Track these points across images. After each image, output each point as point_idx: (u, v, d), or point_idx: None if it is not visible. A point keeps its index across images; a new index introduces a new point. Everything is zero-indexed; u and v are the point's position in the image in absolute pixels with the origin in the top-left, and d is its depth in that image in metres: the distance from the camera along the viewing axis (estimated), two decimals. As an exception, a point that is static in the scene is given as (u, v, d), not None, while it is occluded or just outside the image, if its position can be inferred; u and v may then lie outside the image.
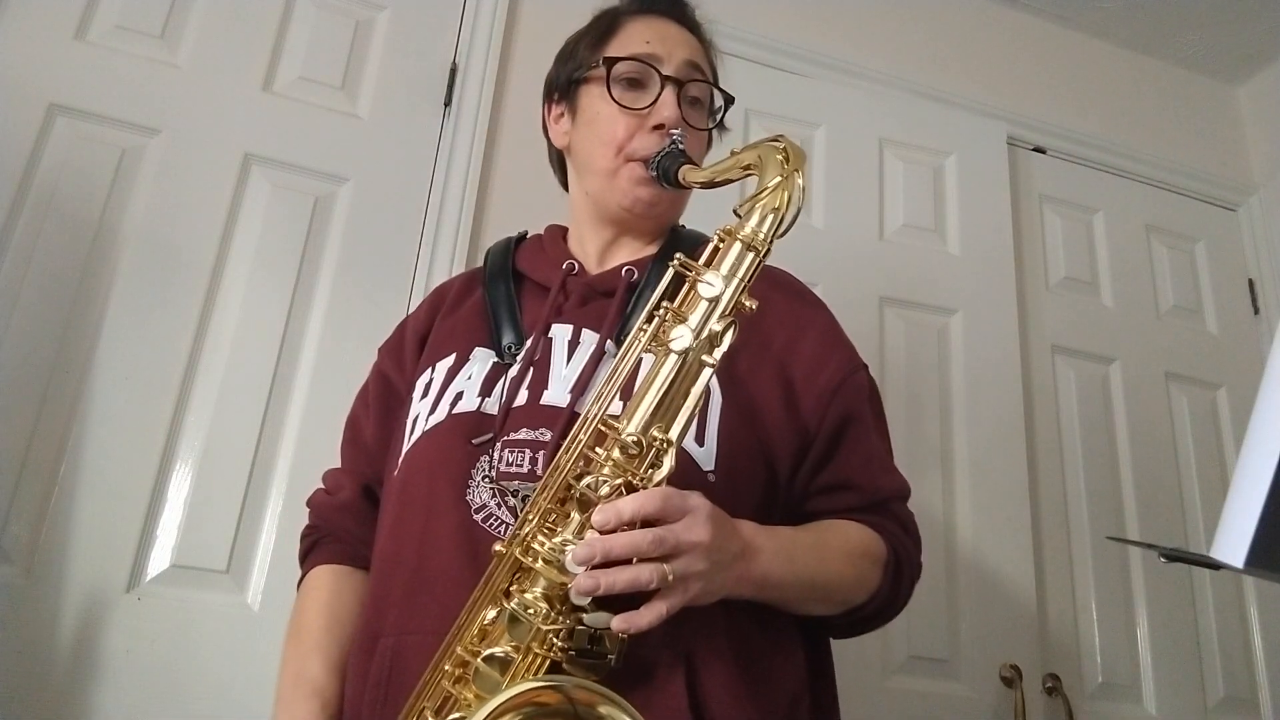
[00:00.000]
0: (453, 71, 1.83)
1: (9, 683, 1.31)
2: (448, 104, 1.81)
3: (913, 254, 2.03)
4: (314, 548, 1.01)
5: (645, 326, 0.77)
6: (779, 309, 0.96)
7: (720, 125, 1.05)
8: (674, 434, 0.73)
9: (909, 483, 0.97)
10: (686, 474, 0.78)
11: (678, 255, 0.78)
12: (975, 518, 1.86)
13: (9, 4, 1.58)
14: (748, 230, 0.78)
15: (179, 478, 1.47)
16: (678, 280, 0.78)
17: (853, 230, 2.00)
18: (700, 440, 0.84)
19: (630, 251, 1.02)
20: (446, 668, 0.74)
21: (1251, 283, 2.36)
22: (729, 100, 1.04)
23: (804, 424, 0.91)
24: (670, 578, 0.69)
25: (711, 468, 0.84)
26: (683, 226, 1.05)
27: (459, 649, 0.74)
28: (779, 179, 0.79)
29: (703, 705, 0.76)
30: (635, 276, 0.95)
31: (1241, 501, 0.57)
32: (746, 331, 0.82)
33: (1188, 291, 2.30)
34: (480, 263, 1.69)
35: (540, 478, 0.77)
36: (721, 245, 0.78)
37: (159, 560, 1.43)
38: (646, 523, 0.70)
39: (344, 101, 1.76)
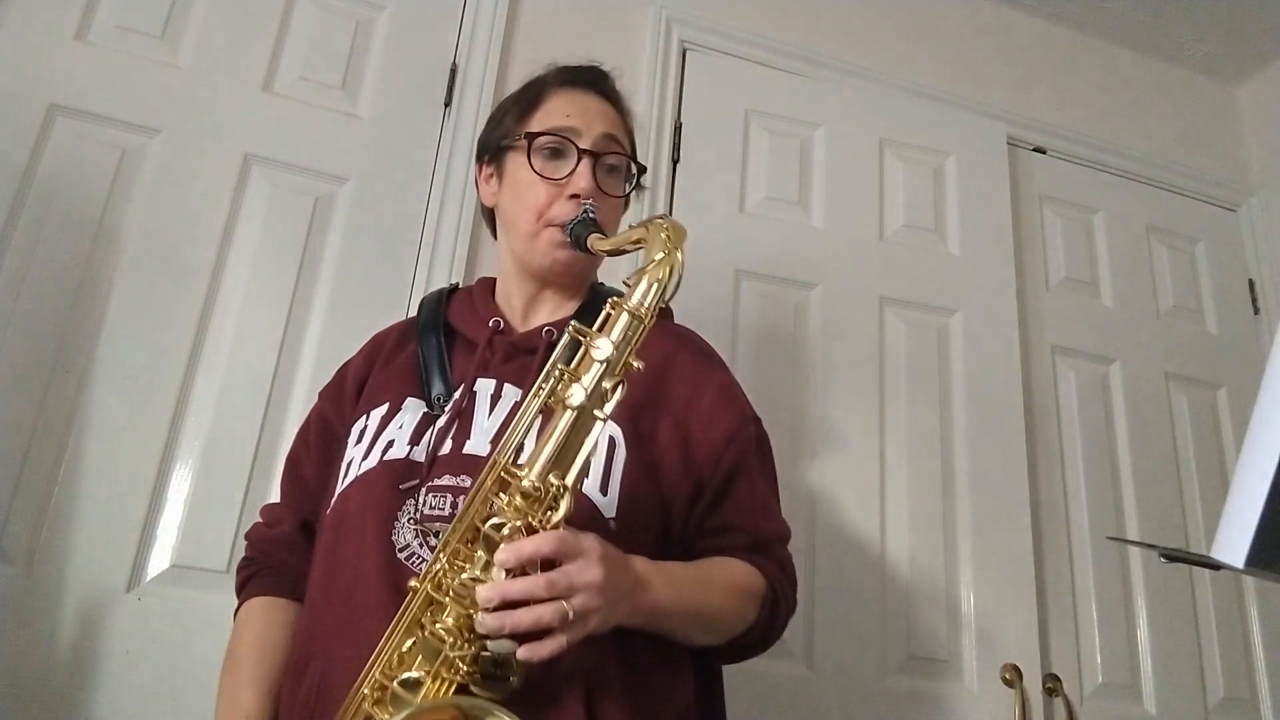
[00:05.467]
0: (453, 71, 1.83)
1: (9, 683, 1.31)
2: (448, 104, 1.81)
3: (913, 254, 2.03)
4: (250, 580, 1.08)
5: (544, 385, 0.85)
6: (682, 368, 1.06)
7: (639, 186, 1.14)
8: (569, 480, 0.81)
9: (790, 527, 1.06)
10: (590, 521, 0.88)
11: (572, 323, 0.87)
12: (975, 518, 1.85)
13: (9, 4, 1.58)
14: (634, 301, 0.87)
15: (179, 478, 1.47)
16: (575, 344, 0.86)
17: (853, 230, 2.01)
18: (604, 490, 0.93)
19: (552, 306, 1.11)
20: (365, 691, 0.81)
21: (1251, 283, 2.36)
22: (641, 169, 1.14)
23: (698, 473, 0.99)
24: (570, 615, 0.76)
25: (613, 515, 0.92)
26: (601, 284, 1.15)
27: (377, 674, 0.81)
28: (662, 255, 0.87)
29: None
30: (555, 336, 1.03)
31: (1241, 501, 0.57)
32: (650, 388, 0.98)
33: (1188, 291, 2.30)
34: (484, 268, 1.75)
35: None
36: (613, 314, 0.87)
37: (159, 560, 1.43)
38: (546, 562, 0.77)
39: (344, 101, 1.76)
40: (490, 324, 1.08)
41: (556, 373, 0.84)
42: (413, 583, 0.82)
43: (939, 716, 1.71)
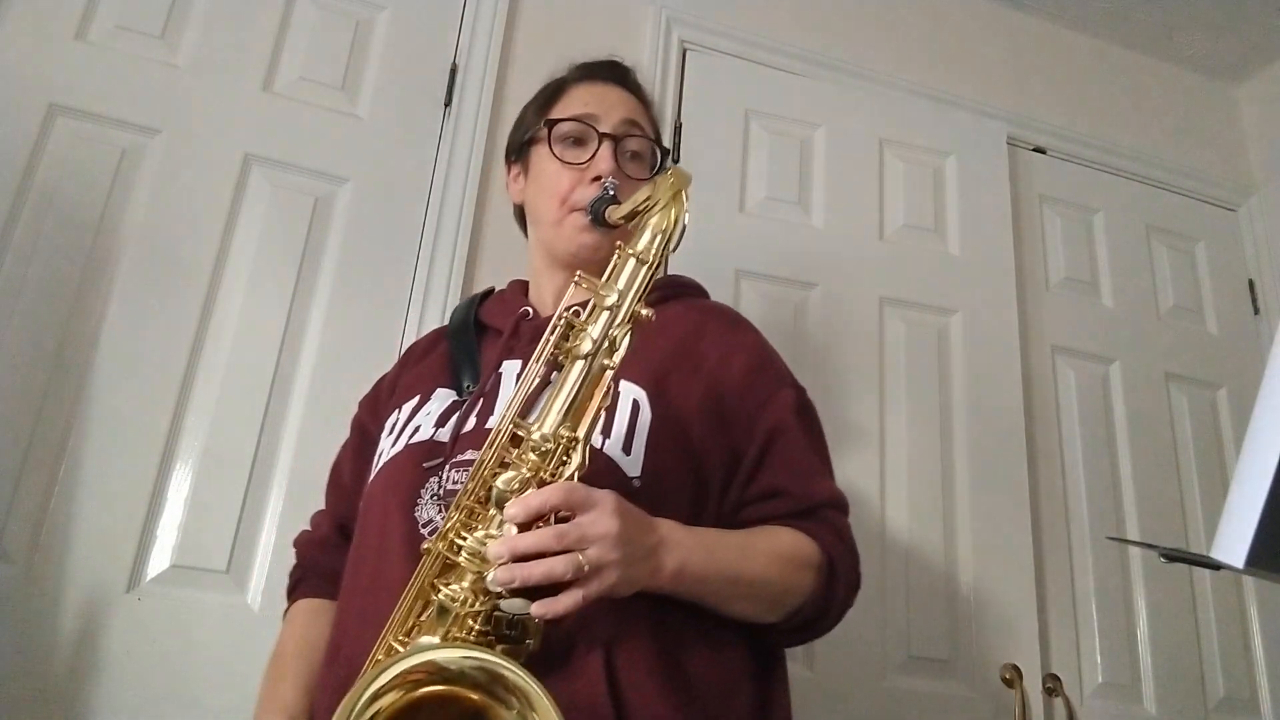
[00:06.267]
0: (453, 71, 1.83)
1: (9, 683, 1.31)
2: (448, 104, 1.81)
3: (913, 254, 2.03)
4: (297, 585, 1.11)
5: (550, 336, 0.84)
6: (712, 334, 1.04)
7: (664, 169, 1.12)
8: (581, 432, 0.79)
9: (844, 493, 1.01)
10: (612, 479, 0.86)
11: (579, 272, 0.85)
12: (975, 518, 1.85)
13: (9, 4, 1.58)
14: (639, 247, 0.86)
15: (179, 478, 1.47)
16: (587, 301, 0.85)
17: (853, 230, 2.00)
18: (627, 450, 0.91)
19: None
20: (380, 657, 0.80)
21: (1251, 283, 2.36)
22: (665, 153, 1.15)
23: (734, 438, 0.96)
24: (585, 568, 0.74)
25: (636, 474, 0.90)
26: None
27: (391, 639, 0.80)
28: (664, 201, 0.87)
29: (621, 693, 0.80)
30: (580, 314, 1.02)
31: (1241, 501, 0.57)
32: (680, 354, 0.96)
33: (1188, 291, 2.30)
34: (484, 268, 1.77)
35: None
36: (618, 261, 0.86)
37: (159, 560, 1.43)
38: (560, 517, 0.76)
39: (344, 101, 1.76)
40: (519, 313, 1.08)
41: (563, 324, 0.83)
42: (425, 545, 0.81)
43: (939, 716, 1.71)
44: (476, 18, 1.87)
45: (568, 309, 1.00)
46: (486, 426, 0.94)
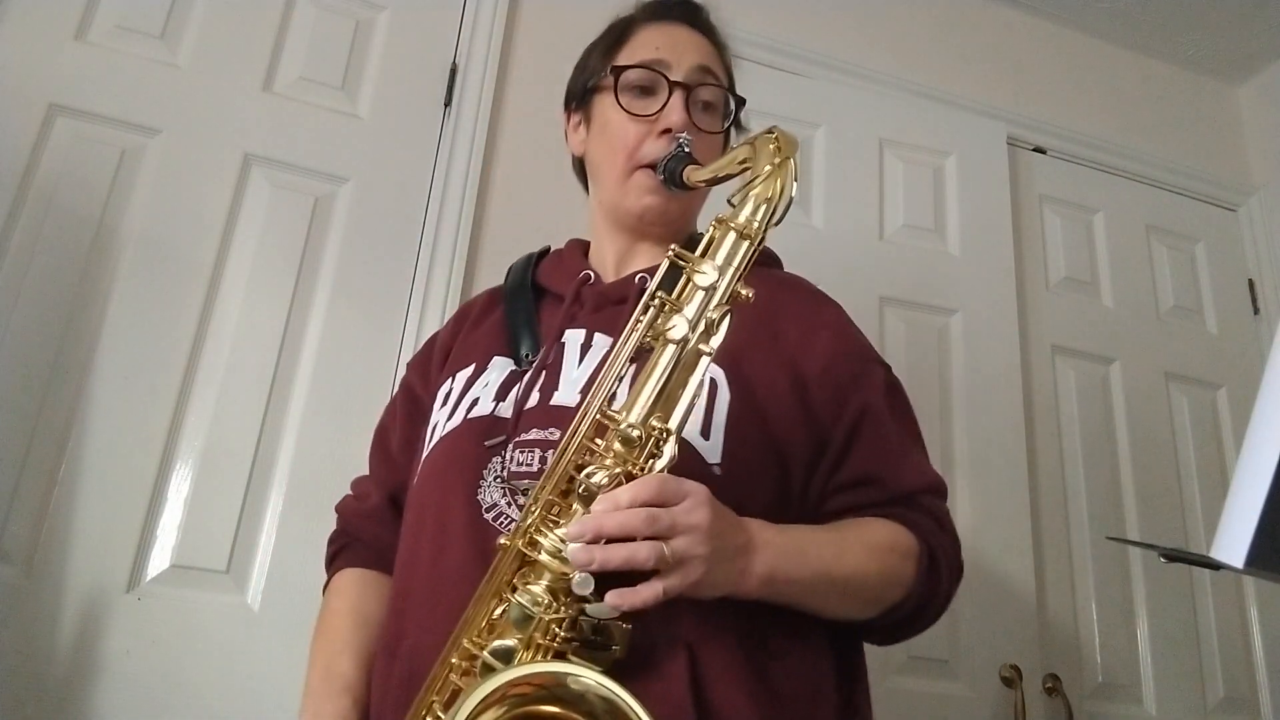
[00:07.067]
0: (453, 71, 1.83)
1: (9, 683, 1.31)
2: (448, 104, 1.81)
3: (913, 254, 2.03)
4: (340, 552, 1.04)
5: (641, 317, 0.77)
6: (792, 309, 0.97)
7: (737, 125, 1.05)
8: (673, 423, 0.72)
9: (941, 477, 0.95)
10: (691, 467, 0.78)
11: (673, 247, 0.78)
12: (975, 518, 1.85)
13: (9, 4, 1.58)
14: (741, 219, 0.78)
15: (179, 478, 1.47)
16: (675, 272, 0.78)
17: (853, 230, 2.00)
18: (706, 434, 0.84)
19: (647, 259, 1.02)
20: (454, 661, 0.75)
21: (1251, 283, 2.36)
22: (740, 102, 1.04)
23: (819, 420, 0.90)
24: (670, 558, 0.68)
25: (717, 460, 0.83)
26: (701, 234, 1.07)
27: (465, 642, 0.74)
28: (770, 168, 0.79)
29: (705, 696, 0.75)
30: (648, 283, 0.93)
31: (1241, 501, 0.57)
32: (757, 331, 0.84)
33: (1188, 291, 2.30)
34: (484, 268, 1.75)
35: None
36: (716, 234, 0.79)
37: (159, 560, 1.43)
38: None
39: (344, 101, 1.76)
40: (580, 277, 1.01)
41: (655, 304, 0.76)
42: (502, 540, 0.74)
43: (939, 716, 1.71)
44: (476, 18, 1.87)
45: (641, 279, 0.92)
46: (551, 404, 0.88)
